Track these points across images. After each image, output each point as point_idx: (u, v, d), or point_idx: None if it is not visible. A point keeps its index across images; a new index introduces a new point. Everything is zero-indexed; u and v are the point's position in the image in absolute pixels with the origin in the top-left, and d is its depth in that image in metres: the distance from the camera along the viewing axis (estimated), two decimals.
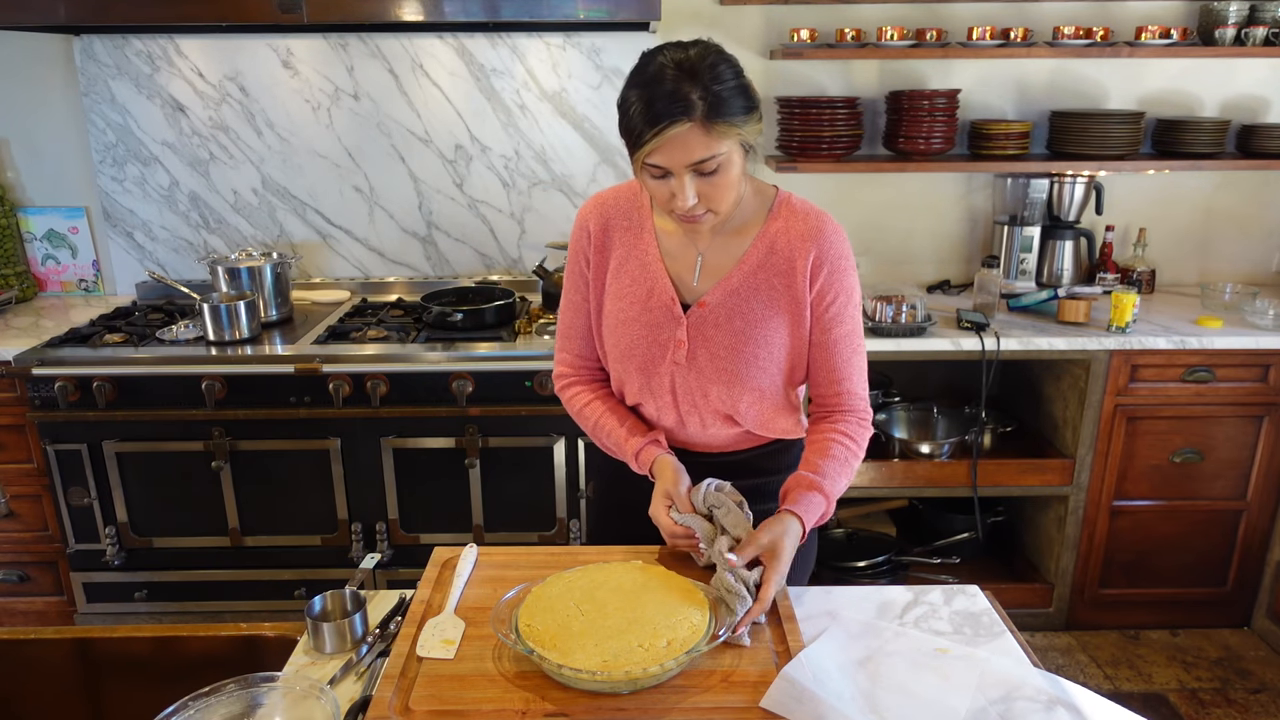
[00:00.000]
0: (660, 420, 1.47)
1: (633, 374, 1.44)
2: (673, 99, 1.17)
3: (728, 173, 1.25)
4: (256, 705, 1.13)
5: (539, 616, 1.19)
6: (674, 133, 1.18)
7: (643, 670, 1.08)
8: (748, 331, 1.37)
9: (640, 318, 1.40)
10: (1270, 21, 2.68)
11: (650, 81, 1.20)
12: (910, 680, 1.17)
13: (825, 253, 1.36)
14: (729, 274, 1.38)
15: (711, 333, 1.38)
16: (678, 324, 1.39)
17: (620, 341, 1.43)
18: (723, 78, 1.20)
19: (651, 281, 1.40)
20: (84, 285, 3.07)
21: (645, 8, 2.38)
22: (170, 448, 2.45)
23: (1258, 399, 2.59)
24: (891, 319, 2.54)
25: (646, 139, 1.19)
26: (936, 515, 2.94)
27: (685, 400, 1.43)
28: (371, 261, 3.04)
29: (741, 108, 1.22)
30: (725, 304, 1.38)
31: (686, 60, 1.20)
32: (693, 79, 1.18)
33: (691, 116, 1.18)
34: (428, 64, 2.83)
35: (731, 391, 1.40)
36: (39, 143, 2.93)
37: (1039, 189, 2.93)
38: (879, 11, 2.82)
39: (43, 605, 2.69)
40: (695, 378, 1.40)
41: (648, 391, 1.44)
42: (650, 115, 1.18)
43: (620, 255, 1.43)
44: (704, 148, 1.20)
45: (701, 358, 1.39)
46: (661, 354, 1.40)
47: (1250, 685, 2.58)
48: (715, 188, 1.25)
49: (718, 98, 1.18)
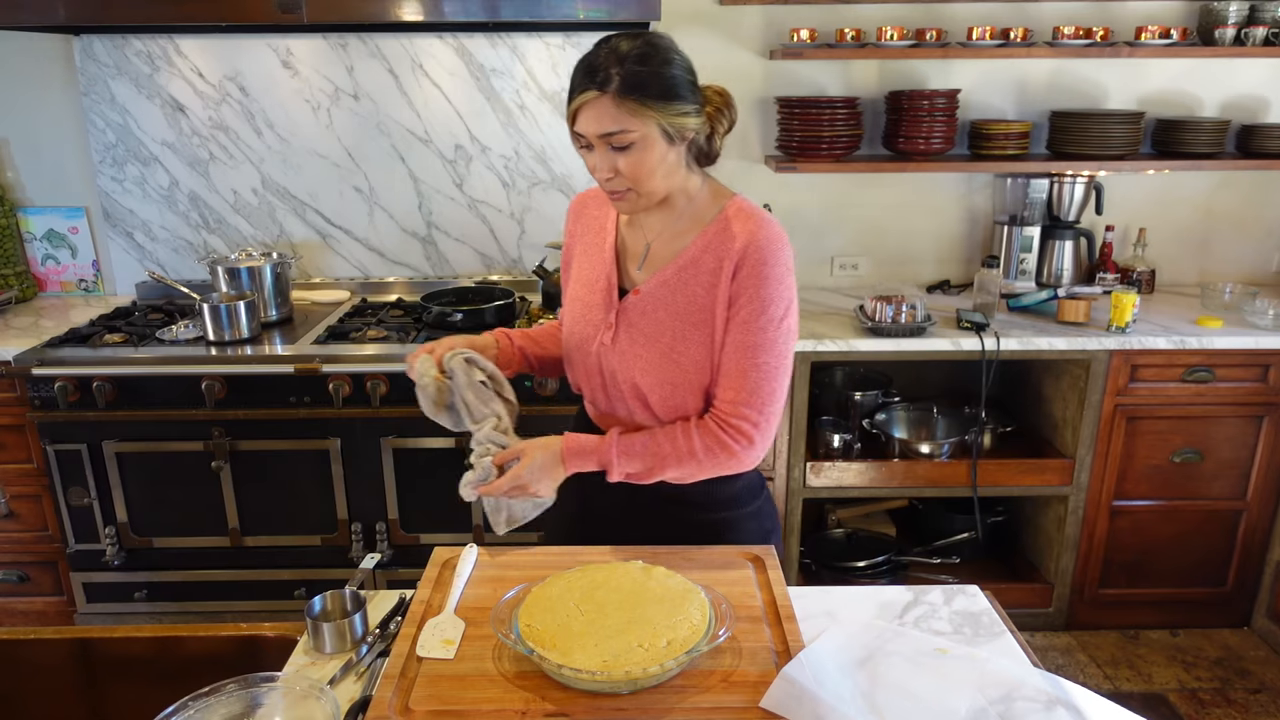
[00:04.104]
0: (594, 401, 1.53)
1: (571, 351, 1.52)
2: (592, 70, 1.27)
3: (643, 153, 1.30)
4: (256, 705, 1.13)
5: (539, 617, 1.19)
6: (585, 99, 1.27)
7: (643, 670, 1.08)
8: (669, 324, 1.40)
9: (584, 298, 1.48)
10: (1270, 21, 2.68)
11: (588, 54, 1.30)
12: (910, 680, 1.17)
13: (745, 260, 1.34)
14: (665, 266, 1.42)
15: (637, 319, 1.42)
16: (610, 308, 1.45)
17: (568, 318, 1.52)
18: (647, 62, 1.27)
19: (603, 266, 1.48)
20: (84, 285, 3.07)
21: (645, 8, 2.38)
22: (170, 448, 2.45)
23: (1258, 399, 2.59)
24: (891, 319, 2.54)
25: (569, 105, 1.30)
26: (936, 515, 2.94)
27: (610, 383, 1.47)
28: (371, 261, 3.04)
29: (660, 93, 1.28)
30: (655, 294, 1.41)
31: (621, 44, 1.28)
32: (618, 59, 1.27)
33: (604, 89, 1.26)
34: (428, 64, 2.83)
35: (647, 380, 1.42)
36: (39, 143, 2.93)
37: (1039, 189, 2.93)
38: (879, 11, 2.82)
39: (43, 605, 2.69)
40: (618, 361, 1.44)
41: (582, 369, 1.51)
42: (574, 82, 1.29)
43: (586, 241, 1.53)
44: (612, 120, 1.27)
45: (624, 342, 1.43)
46: (593, 334, 1.46)
47: (1250, 685, 2.58)
48: (631, 165, 1.31)
49: (635, 77, 1.26)
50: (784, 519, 2.69)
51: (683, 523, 1.48)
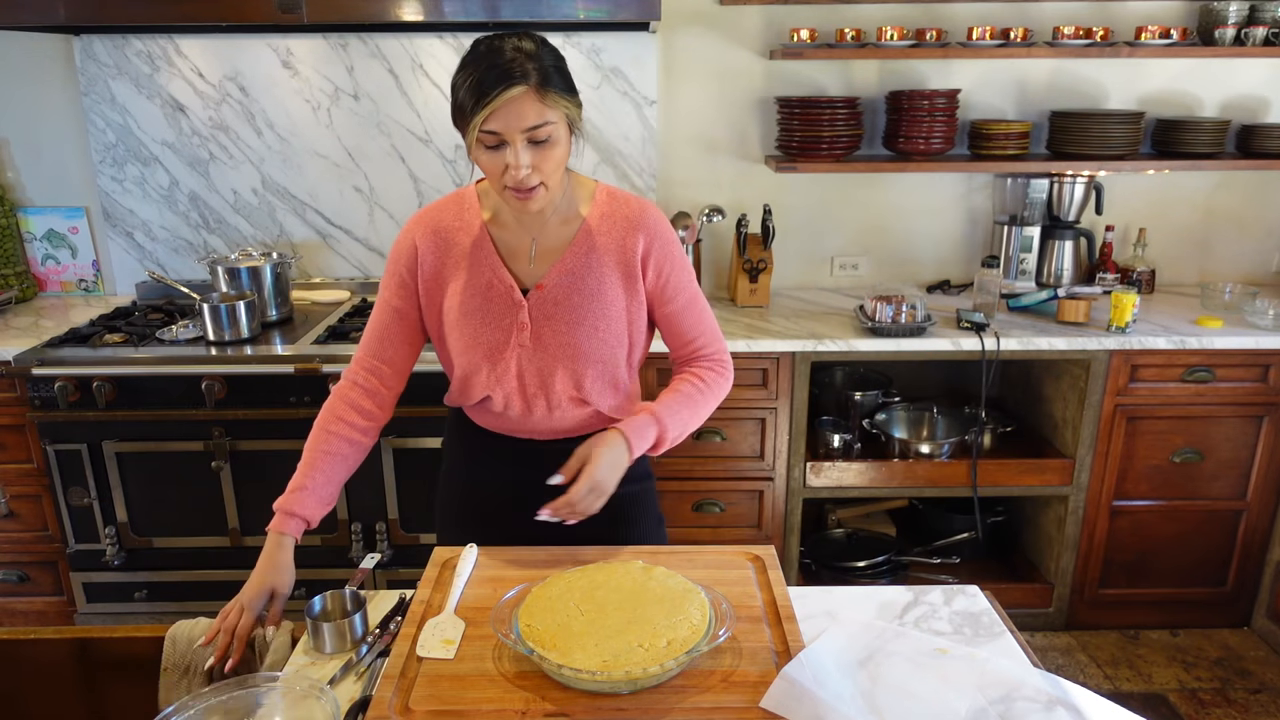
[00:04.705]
0: (508, 409, 1.52)
1: (479, 363, 1.48)
2: (510, 66, 1.27)
3: (556, 146, 1.33)
4: (256, 705, 1.13)
5: (539, 616, 1.19)
6: (510, 95, 1.26)
7: (643, 670, 1.08)
8: (586, 305, 1.45)
9: (481, 308, 1.46)
10: (1270, 21, 2.68)
11: (484, 56, 1.30)
12: (910, 680, 1.17)
13: (654, 237, 1.48)
14: (562, 257, 1.46)
15: (552, 310, 1.45)
16: (519, 308, 1.45)
17: (464, 334, 1.48)
18: (550, 57, 1.32)
19: (489, 274, 1.46)
20: (84, 285, 3.07)
21: (645, 8, 2.38)
22: (170, 448, 2.45)
23: (1258, 399, 2.59)
24: (891, 319, 2.54)
25: (485, 102, 1.26)
26: (936, 515, 2.94)
27: (532, 383, 1.48)
28: (371, 261, 3.03)
29: (567, 86, 1.33)
30: (562, 284, 1.45)
31: (519, 41, 1.31)
32: (526, 54, 1.29)
33: (527, 82, 1.27)
34: (428, 64, 2.83)
35: (577, 366, 1.46)
36: (39, 143, 2.93)
37: (1039, 189, 2.93)
38: (879, 11, 2.82)
39: (43, 605, 2.69)
40: (542, 357, 1.46)
41: (494, 378, 1.49)
42: (489, 81, 1.26)
43: (455, 256, 1.48)
44: (536, 114, 1.28)
45: (545, 335, 1.45)
46: (506, 339, 1.46)
47: (1250, 685, 2.58)
48: (545, 159, 1.32)
49: (549, 70, 1.30)
50: (784, 519, 2.69)
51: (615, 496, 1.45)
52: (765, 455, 2.62)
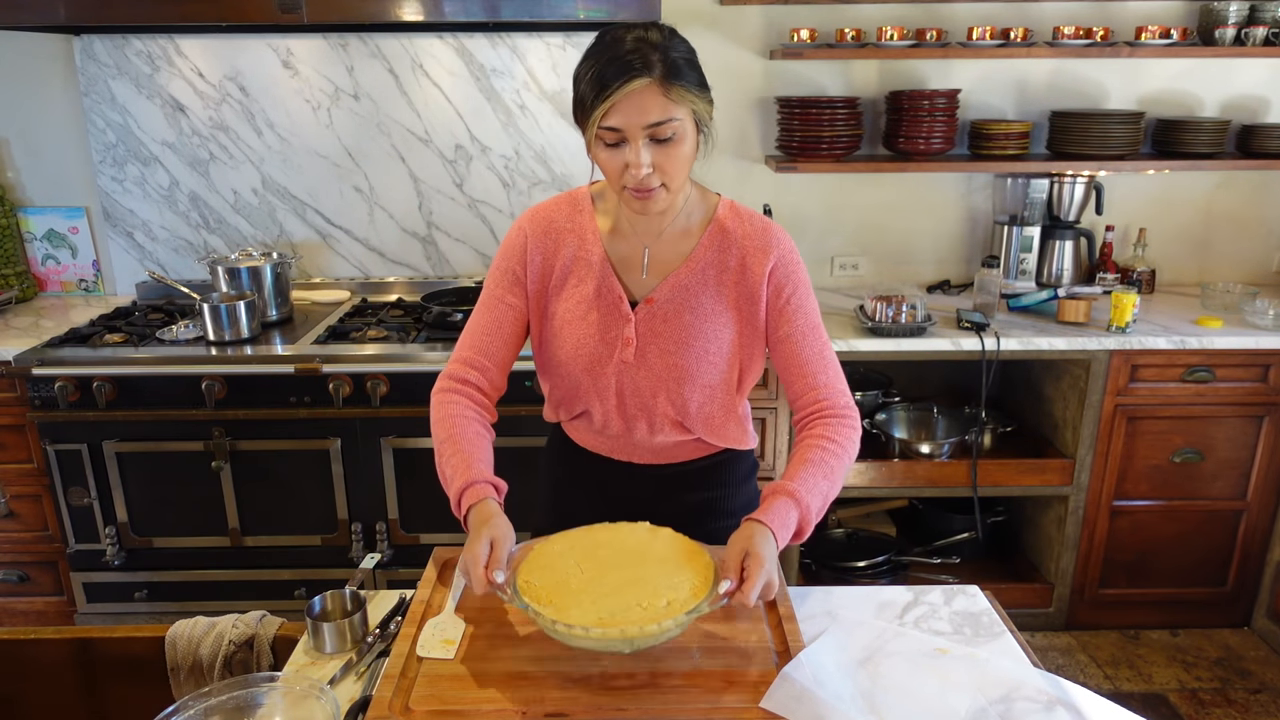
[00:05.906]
0: (607, 427, 1.44)
1: (579, 375, 1.40)
2: (631, 57, 1.19)
3: (681, 145, 1.24)
4: (256, 705, 1.13)
5: (538, 573, 1.18)
6: (632, 88, 1.18)
7: (639, 629, 1.07)
8: (696, 326, 1.36)
9: (588, 316, 1.38)
10: (1270, 21, 2.68)
11: (608, 48, 1.22)
12: (910, 680, 1.17)
13: (784, 259, 1.38)
14: (677, 270, 1.37)
15: (660, 328, 1.37)
16: (625, 321, 1.37)
17: (568, 341, 1.40)
18: (679, 48, 1.24)
19: (598, 280, 1.38)
20: (84, 285, 3.07)
21: (645, 8, 2.38)
22: (170, 448, 2.45)
23: (1258, 399, 2.59)
24: (891, 319, 2.54)
25: (605, 96, 1.19)
26: (936, 515, 2.94)
27: (633, 402, 1.40)
28: (371, 261, 3.04)
29: (697, 80, 1.25)
30: (674, 299, 1.37)
31: (644, 32, 1.23)
32: (651, 45, 1.21)
33: (650, 74, 1.19)
34: (428, 64, 2.83)
35: (681, 389, 1.38)
36: (39, 143, 2.93)
37: (1039, 189, 2.93)
38: (879, 11, 2.82)
39: (43, 605, 2.69)
40: (644, 376, 1.38)
41: (594, 394, 1.41)
42: (610, 74, 1.19)
43: (565, 258, 1.40)
44: (660, 109, 1.20)
45: (650, 354, 1.37)
46: (609, 353, 1.38)
47: (1250, 685, 2.58)
48: (669, 158, 1.24)
49: (675, 62, 1.21)
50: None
51: (682, 504, 1.45)
52: (765, 455, 2.62)
